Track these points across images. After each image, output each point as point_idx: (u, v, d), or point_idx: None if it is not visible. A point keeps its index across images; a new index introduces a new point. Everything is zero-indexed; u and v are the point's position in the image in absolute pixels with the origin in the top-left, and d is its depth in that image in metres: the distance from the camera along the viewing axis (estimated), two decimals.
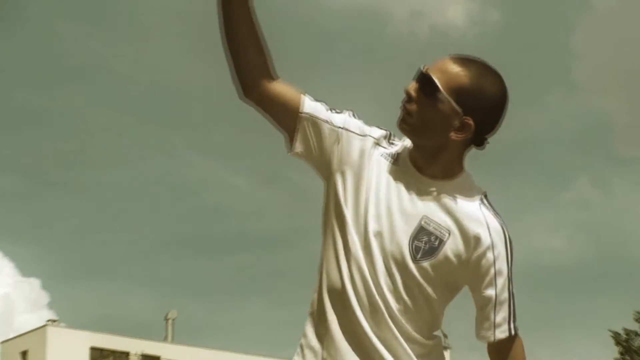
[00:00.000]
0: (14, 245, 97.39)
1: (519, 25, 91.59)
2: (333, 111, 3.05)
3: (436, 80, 2.85)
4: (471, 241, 2.90)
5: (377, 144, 3.02)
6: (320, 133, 3.01)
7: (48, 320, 61.78)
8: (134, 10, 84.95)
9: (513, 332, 2.95)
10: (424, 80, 2.86)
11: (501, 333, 2.94)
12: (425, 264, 2.90)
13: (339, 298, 2.95)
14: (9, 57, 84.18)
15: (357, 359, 2.96)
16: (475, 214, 2.92)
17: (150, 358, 60.42)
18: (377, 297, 2.90)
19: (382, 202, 2.95)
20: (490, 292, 2.91)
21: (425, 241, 2.89)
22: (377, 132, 3.04)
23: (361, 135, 3.03)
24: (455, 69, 2.89)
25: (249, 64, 3.01)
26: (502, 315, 2.93)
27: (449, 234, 2.91)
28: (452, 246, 2.91)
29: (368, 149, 3.01)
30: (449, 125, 2.86)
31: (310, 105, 3.01)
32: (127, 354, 60.30)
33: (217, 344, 64.16)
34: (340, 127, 3.01)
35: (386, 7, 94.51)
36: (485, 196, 3.00)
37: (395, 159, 3.01)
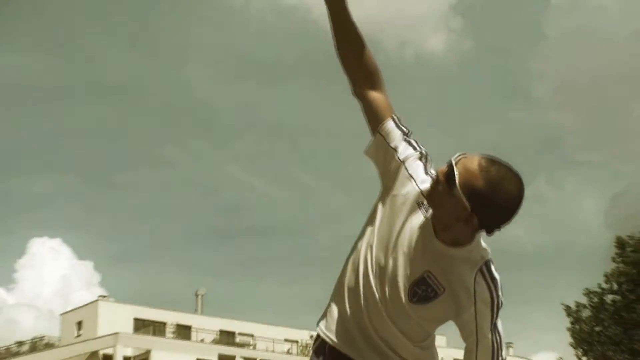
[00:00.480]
0: (72, 234, 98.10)
1: (488, 52, 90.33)
2: (407, 142, 2.86)
3: (457, 176, 2.62)
4: (459, 307, 2.76)
5: (422, 194, 2.77)
6: (386, 156, 2.84)
7: (99, 296, 61.19)
8: (176, 38, 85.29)
9: None
10: (449, 171, 2.64)
11: None
12: (418, 306, 2.79)
13: (353, 294, 2.90)
14: (73, 76, 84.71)
15: (362, 346, 2.92)
16: (467, 284, 2.74)
17: (183, 327, 59.27)
18: (381, 308, 2.83)
19: (400, 246, 2.80)
20: (472, 347, 2.80)
21: (423, 290, 2.77)
22: (427, 185, 2.76)
23: (414, 181, 2.81)
24: (476, 170, 2.64)
25: (350, 74, 2.91)
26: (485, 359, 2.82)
27: (444, 291, 2.76)
28: (444, 302, 2.77)
29: (412, 196, 2.80)
30: (457, 215, 2.66)
31: (387, 128, 2.84)
32: (164, 323, 59.30)
33: (239, 315, 63.47)
34: (400, 160, 2.82)
35: (377, 37, 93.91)
36: (487, 264, 2.79)
37: (427, 213, 2.79)
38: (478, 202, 2.61)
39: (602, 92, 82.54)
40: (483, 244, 2.79)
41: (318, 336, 3.03)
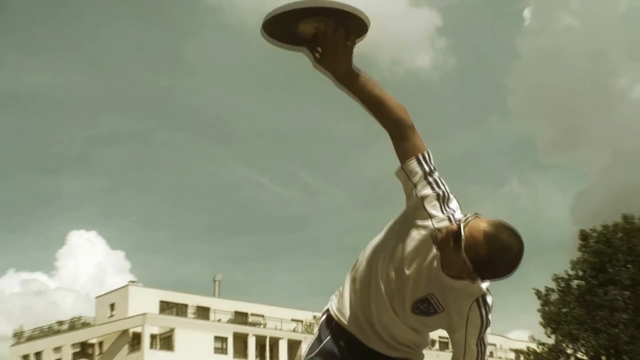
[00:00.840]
0: (106, 227, 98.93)
1: (469, 69, 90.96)
2: (427, 182, 2.64)
3: (463, 241, 2.51)
4: (452, 327, 2.72)
5: (439, 230, 2.62)
6: (406, 187, 2.68)
7: (129, 281, 61.10)
8: (198, 55, 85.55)
9: None
10: (457, 234, 2.54)
11: None
12: (417, 317, 2.75)
13: (364, 288, 2.83)
14: (103, 90, 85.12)
15: (367, 330, 2.85)
16: (462, 311, 2.68)
17: (202, 308, 59.29)
18: (387, 304, 2.77)
19: (411, 268, 2.70)
20: (460, 357, 2.77)
21: (425, 306, 2.71)
22: (443, 224, 2.61)
23: (430, 220, 2.64)
24: (481, 238, 2.51)
25: (379, 122, 2.70)
26: None
27: (442, 311, 2.70)
28: (440, 319, 2.73)
29: (427, 230, 2.65)
30: (461, 269, 2.57)
31: (410, 166, 2.64)
32: (186, 305, 59.02)
33: (251, 298, 62.93)
34: (418, 197, 2.64)
35: (373, 56, 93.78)
36: (483, 296, 2.69)
37: (437, 249, 2.65)
38: (480, 265, 2.54)
39: (568, 103, 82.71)
40: None
41: (328, 311, 2.99)
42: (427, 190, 2.62)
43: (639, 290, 28.03)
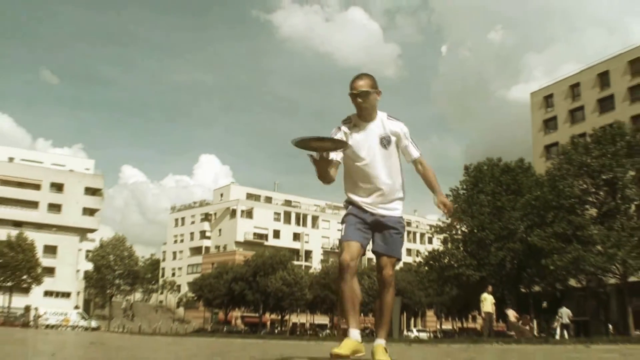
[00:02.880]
0: (220, 153, 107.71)
1: (413, 78, 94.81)
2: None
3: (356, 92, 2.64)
4: (398, 136, 2.70)
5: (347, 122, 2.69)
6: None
7: (231, 182, 62.86)
8: (276, 67, 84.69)
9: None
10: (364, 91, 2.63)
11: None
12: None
13: (363, 175, 2.73)
14: (221, 85, 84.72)
15: (368, 200, 2.70)
16: (395, 127, 2.69)
17: (268, 198, 60.72)
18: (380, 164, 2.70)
19: (364, 141, 2.67)
20: (413, 147, 2.74)
21: (387, 141, 2.69)
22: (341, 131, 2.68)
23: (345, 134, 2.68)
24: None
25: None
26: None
27: (394, 136, 2.69)
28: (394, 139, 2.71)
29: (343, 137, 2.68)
30: (370, 107, 2.68)
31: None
32: (259, 195, 60.55)
33: (293, 192, 64.49)
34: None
35: (362, 69, 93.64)
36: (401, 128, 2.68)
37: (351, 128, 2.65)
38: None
39: (464, 97, 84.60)
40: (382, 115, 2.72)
41: (349, 197, 2.78)
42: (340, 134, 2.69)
43: (496, 196, 28.35)
